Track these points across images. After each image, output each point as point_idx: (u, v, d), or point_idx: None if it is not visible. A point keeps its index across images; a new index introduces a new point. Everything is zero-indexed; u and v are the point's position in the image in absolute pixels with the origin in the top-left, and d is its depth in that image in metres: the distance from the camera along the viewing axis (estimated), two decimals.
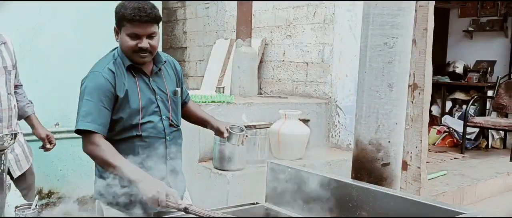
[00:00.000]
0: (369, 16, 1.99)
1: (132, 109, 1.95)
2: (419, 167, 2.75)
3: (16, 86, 2.66)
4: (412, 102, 2.69)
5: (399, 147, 1.99)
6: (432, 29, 2.77)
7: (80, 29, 4.31)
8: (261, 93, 4.88)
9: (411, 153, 2.78)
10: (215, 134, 2.31)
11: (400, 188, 2.16)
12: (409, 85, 2.53)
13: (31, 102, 2.79)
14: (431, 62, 2.76)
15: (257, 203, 2.25)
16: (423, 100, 2.73)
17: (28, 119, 2.77)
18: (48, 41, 4.18)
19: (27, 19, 4.10)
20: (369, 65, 1.97)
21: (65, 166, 4.50)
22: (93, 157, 1.89)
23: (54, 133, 4.38)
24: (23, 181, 2.70)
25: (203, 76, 5.40)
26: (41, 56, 4.16)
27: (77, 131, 1.89)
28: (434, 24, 3.05)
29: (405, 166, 2.72)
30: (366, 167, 1.97)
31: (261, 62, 4.89)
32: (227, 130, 2.21)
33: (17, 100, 2.65)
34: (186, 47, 6.20)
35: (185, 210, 1.68)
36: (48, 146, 2.78)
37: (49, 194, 4.45)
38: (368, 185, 1.88)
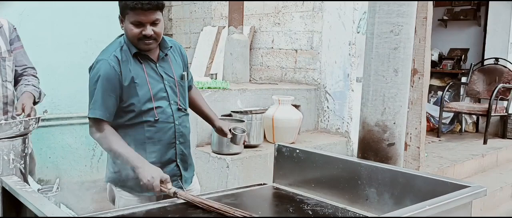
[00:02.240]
0: (375, 6, 2.11)
1: (141, 96, 1.99)
2: (418, 147, 2.94)
3: (21, 74, 2.54)
4: (412, 86, 2.85)
5: (403, 127, 2.13)
6: (431, 18, 2.94)
7: (68, 16, 4.28)
8: (250, 80, 4.97)
9: (411, 134, 2.95)
10: (216, 132, 2.40)
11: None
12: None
13: (38, 89, 2.55)
14: (430, 49, 2.93)
15: (264, 184, 2.35)
16: (422, 85, 2.90)
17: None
18: (37, 27, 4.12)
19: (14, 5, 4.04)
20: (375, 51, 2.10)
21: (54, 153, 4.48)
22: (99, 142, 1.98)
23: (43, 120, 4.37)
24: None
25: (190, 63, 5.44)
26: (29, 43, 4.08)
27: (89, 118, 1.98)
28: None
29: (405, 146, 2.88)
30: (373, 147, 2.11)
31: (250, 49, 4.97)
32: (230, 131, 2.30)
33: (21, 85, 2.49)
34: (171, 34, 6.21)
35: (174, 194, 1.81)
36: (18, 111, 2.24)
37: (39, 181, 4.44)
38: (377, 163, 2.01)
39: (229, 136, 2.30)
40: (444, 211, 1.56)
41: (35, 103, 2.38)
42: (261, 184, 2.34)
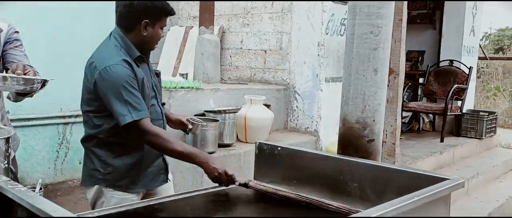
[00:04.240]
0: (355, 8, 2.19)
1: (146, 96, 2.00)
2: (393, 143, 3.07)
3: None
4: (388, 85, 2.97)
5: (381, 124, 2.22)
6: (406, 20, 3.09)
7: (33, 14, 4.14)
8: (220, 80, 4.99)
9: (386, 131, 3.08)
10: (171, 127, 2.34)
11: None
12: None
13: (35, 71, 2.19)
14: (404, 49, 3.08)
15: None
16: (398, 84, 3.04)
17: None
18: None
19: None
20: (356, 51, 2.18)
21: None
22: (153, 144, 1.93)
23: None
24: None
25: (156, 63, 5.38)
26: None
27: (128, 124, 1.87)
28: None
29: (381, 142, 3.00)
30: (353, 143, 2.18)
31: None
32: (189, 121, 2.31)
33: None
34: None
35: (246, 185, 1.92)
36: (18, 71, 1.97)
37: None
38: (358, 159, 2.09)
39: (190, 126, 2.30)
40: (428, 202, 1.65)
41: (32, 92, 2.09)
42: None
